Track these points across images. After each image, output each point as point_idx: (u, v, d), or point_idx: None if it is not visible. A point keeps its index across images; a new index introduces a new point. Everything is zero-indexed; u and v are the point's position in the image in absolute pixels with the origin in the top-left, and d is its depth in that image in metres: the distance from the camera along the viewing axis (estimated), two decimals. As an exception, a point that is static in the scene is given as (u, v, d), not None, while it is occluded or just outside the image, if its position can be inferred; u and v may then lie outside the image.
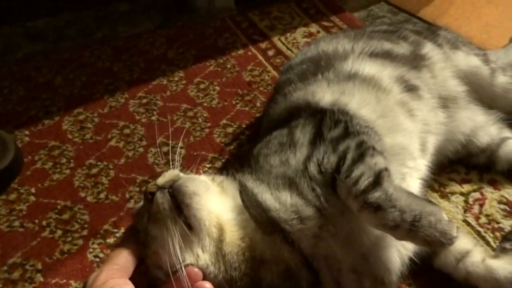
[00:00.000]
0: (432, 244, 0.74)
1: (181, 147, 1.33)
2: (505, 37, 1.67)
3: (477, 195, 1.15)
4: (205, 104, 1.50)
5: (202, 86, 1.58)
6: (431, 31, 1.28)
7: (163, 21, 1.98)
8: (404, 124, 1.02)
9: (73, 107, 1.51)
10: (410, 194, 0.78)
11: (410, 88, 1.06)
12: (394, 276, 0.86)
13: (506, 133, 1.21)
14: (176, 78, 1.62)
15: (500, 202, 1.13)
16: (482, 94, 1.22)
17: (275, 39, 1.80)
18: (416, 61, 1.12)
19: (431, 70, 1.13)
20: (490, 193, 1.15)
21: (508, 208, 1.11)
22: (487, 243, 1.04)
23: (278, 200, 0.80)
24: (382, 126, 0.97)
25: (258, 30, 1.87)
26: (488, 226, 1.08)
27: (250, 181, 0.86)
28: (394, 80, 1.05)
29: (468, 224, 1.09)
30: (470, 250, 0.93)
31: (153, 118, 1.46)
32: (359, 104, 0.99)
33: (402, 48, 1.15)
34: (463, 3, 1.99)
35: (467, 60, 1.20)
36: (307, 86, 1.05)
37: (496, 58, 1.44)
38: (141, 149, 1.35)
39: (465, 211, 1.12)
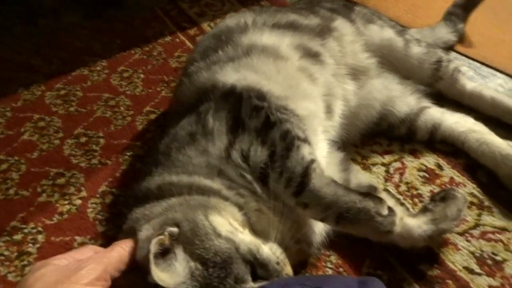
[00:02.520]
0: (366, 236, 0.85)
1: (100, 137, 1.29)
2: (431, 17, 1.73)
3: (398, 164, 1.18)
4: (128, 92, 1.47)
5: (126, 74, 1.54)
6: (347, 7, 1.31)
7: (89, 14, 1.92)
8: (308, 89, 1.05)
9: (-17, 104, 1.43)
10: (340, 188, 0.84)
11: (311, 54, 1.08)
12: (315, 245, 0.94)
13: (425, 103, 1.25)
14: (98, 68, 1.57)
15: (419, 170, 1.16)
16: (399, 66, 1.26)
17: (205, 26, 1.78)
18: (322, 31, 1.15)
19: (340, 41, 1.17)
20: (411, 162, 1.18)
21: (427, 175, 1.14)
22: (406, 209, 1.06)
23: (216, 183, 0.83)
24: (291, 96, 0.98)
25: (187, 17, 1.85)
26: (408, 194, 1.10)
27: (184, 177, 0.84)
28: (293, 48, 1.07)
29: (389, 192, 1.11)
30: None
31: (72, 109, 1.40)
32: (266, 79, 0.99)
33: (309, 21, 1.17)
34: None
35: (381, 32, 1.24)
36: (210, 65, 1.05)
37: (419, 34, 1.51)
38: (56, 141, 1.29)
39: (385, 181, 1.14)
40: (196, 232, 0.72)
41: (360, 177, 1.07)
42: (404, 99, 1.22)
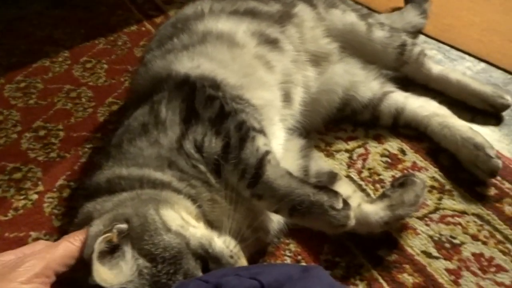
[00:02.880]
0: (320, 229, 0.85)
1: (59, 130, 1.26)
2: (401, 1, 1.71)
3: (361, 150, 1.17)
4: (90, 83, 1.43)
5: (88, 65, 1.51)
6: None
7: (53, 2, 1.87)
8: (264, 78, 1.03)
9: None
10: (295, 181, 0.82)
11: (269, 41, 1.06)
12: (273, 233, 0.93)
13: (388, 87, 1.24)
14: (60, 59, 1.53)
15: (382, 155, 1.15)
16: (362, 50, 1.24)
17: (172, 13, 1.75)
18: (282, 18, 1.13)
19: (300, 27, 1.15)
20: (374, 147, 1.17)
21: (390, 160, 1.14)
22: (367, 195, 1.06)
23: (167, 175, 0.81)
24: (247, 85, 0.96)
25: (154, 4, 1.81)
26: (369, 179, 1.10)
27: (135, 170, 0.82)
28: (250, 35, 1.05)
29: (351, 179, 1.10)
30: (348, 196, 0.95)
31: (31, 102, 1.37)
32: (221, 68, 0.98)
33: (269, 7, 1.15)
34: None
35: (343, 17, 1.22)
36: (164, 54, 1.02)
37: (388, 19, 1.49)
38: (14, 136, 1.26)
39: (348, 167, 1.13)
40: (145, 227, 0.70)
41: (320, 164, 1.06)
42: (367, 84, 1.21)
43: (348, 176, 1.11)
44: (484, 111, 1.25)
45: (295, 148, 1.04)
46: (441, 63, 1.48)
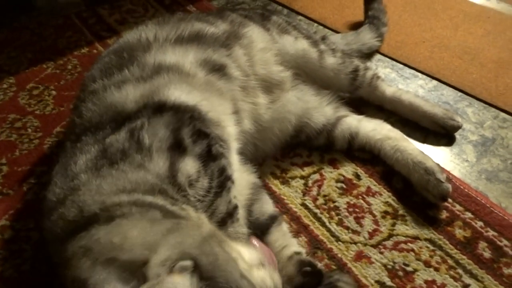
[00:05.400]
0: None
1: (2, 164, 1.21)
2: (358, 16, 1.75)
3: (317, 176, 1.18)
4: (37, 112, 1.38)
5: (35, 92, 1.45)
6: (263, 16, 1.29)
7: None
8: (222, 106, 1.03)
9: None
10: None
11: (216, 69, 1.05)
12: None
13: (342, 112, 1.25)
14: (4, 86, 1.47)
15: (337, 181, 1.16)
16: (314, 76, 1.25)
17: (125, 34, 1.71)
18: (229, 39, 1.12)
19: (248, 48, 1.14)
20: (329, 173, 1.18)
21: (344, 186, 1.15)
22: (323, 224, 1.07)
23: (158, 199, 0.78)
24: (221, 120, 0.98)
25: (106, 25, 1.77)
26: (325, 207, 1.10)
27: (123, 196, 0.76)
28: (198, 65, 1.04)
29: (306, 207, 1.11)
30: (282, 246, 0.96)
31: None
32: (190, 95, 0.96)
33: (215, 28, 1.14)
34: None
35: (295, 43, 1.22)
36: (119, 84, 0.98)
37: (344, 40, 1.52)
38: (-47, 172, 1.19)
39: (304, 194, 1.14)
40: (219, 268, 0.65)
41: (265, 206, 1.04)
42: (321, 110, 1.22)
43: (303, 204, 1.11)
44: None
45: (243, 183, 1.02)
46: (394, 81, 1.52)
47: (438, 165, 1.10)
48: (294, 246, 0.98)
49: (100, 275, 0.64)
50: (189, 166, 0.85)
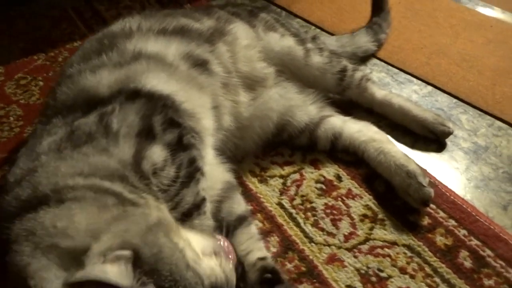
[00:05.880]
0: None
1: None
2: (356, 21, 1.72)
3: (296, 176, 1.15)
4: (21, 101, 1.38)
5: (23, 82, 1.46)
6: (251, 13, 1.28)
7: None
8: (200, 100, 1.01)
9: None
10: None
11: (198, 63, 1.04)
12: None
13: (326, 112, 1.23)
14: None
15: (317, 182, 1.13)
16: (300, 75, 1.23)
17: (119, 29, 1.71)
18: (213, 35, 1.11)
19: (232, 45, 1.13)
20: (310, 173, 1.15)
21: (324, 187, 1.12)
22: (297, 224, 1.03)
23: (117, 186, 0.76)
24: (197, 111, 0.97)
25: (102, 19, 1.77)
26: (301, 207, 1.07)
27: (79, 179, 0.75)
28: (179, 58, 1.03)
29: (282, 206, 1.08)
30: (248, 250, 0.94)
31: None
32: (168, 85, 0.95)
33: (200, 24, 1.13)
34: (319, -11, 2.04)
35: (281, 40, 1.21)
36: (94, 69, 0.98)
37: (338, 42, 1.49)
38: None
39: (281, 194, 1.11)
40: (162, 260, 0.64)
41: (234, 206, 1.01)
42: (304, 109, 1.19)
43: (279, 204, 1.08)
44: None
45: (216, 179, 1.00)
46: (388, 86, 1.48)
47: (421, 169, 1.06)
48: (260, 251, 0.95)
49: (40, 262, 0.63)
50: (156, 154, 0.83)
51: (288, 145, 1.22)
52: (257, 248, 0.95)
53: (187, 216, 0.83)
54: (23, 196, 0.73)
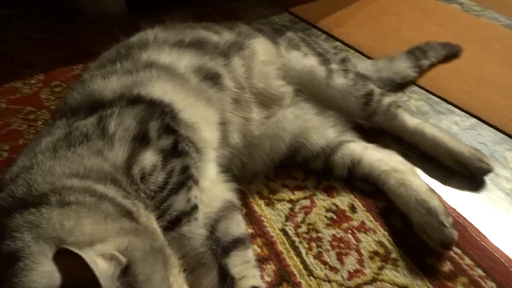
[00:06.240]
0: None
1: (4, 150, 1.26)
2: (397, 46, 1.64)
3: (306, 202, 1.07)
4: (52, 107, 1.43)
5: (57, 89, 1.52)
6: (278, 31, 1.25)
7: (42, 25, 1.94)
8: (207, 115, 0.98)
9: None
10: (201, 249, 0.79)
11: (209, 77, 1.02)
12: None
13: (347, 136, 1.15)
14: (33, 81, 1.56)
15: (328, 210, 1.04)
16: (320, 96, 1.17)
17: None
18: (230, 49, 1.09)
19: (248, 60, 1.10)
20: (322, 200, 1.07)
21: (335, 217, 1.03)
22: (298, 254, 0.95)
23: (111, 190, 0.75)
24: (196, 122, 0.94)
25: (142, 36, 1.83)
26: (306, 236, 0.99)
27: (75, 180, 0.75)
28: (191, 71, 1.01)
29: (285, 233, 1.00)
30: (241, 275, 0.87)
31: (-11, 120, 1.39)
32: (173, 93, 0.95)
33: (219, 37, 1.11)
34: (363, 14, 1.99)
35: (302, 59, 1.16)
36: (106, 75, 0.99)
37: (373, 67, 1.42)
38: (-41, 153, 1.26)
39: (286, 219, 1.03)
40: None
41: (233, 227, 0.94)
42: (322, 132, 1.12)
43: (282, 230, 1.00)
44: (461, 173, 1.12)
45: (215, 196, 0.95)
46: (426, 115, 1.37)
47: (445, 207, 0.94)
48: (254, 279, 0.88)
49: (39, 247, 0.62)
50: (147, 159, 0.81)
51: (302, 169, 1.15)
52: (251, 275, 0.88)
53: (175, 223, 0.79)
54: (18, 193, 0.72)
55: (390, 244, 0.96)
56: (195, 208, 0.83)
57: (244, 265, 0.89)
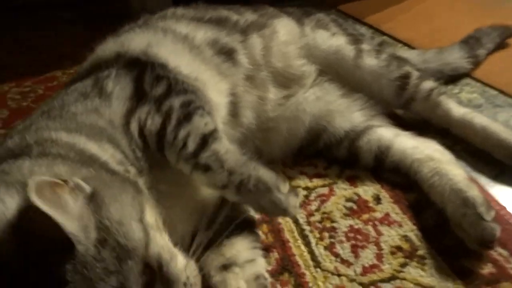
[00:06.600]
0: (264, 211, 0.74)
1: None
2: (449, 40, 1.48)
3: (324, 190, 0.96)
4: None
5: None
6: (306, 12, 1.17)
7: (90, 25, 2.03)
8: (213, 78, 0.94)
9: None
10: (244, 157, 0.74)
11: (224, 51, 0.97)
12: None
13: (376, 121, 1.02)
14: (72, 71, 1.61)
15: (348, 200, 0.93)
16: (349, 79, 1.06)
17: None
18: (249, 27, 1.04)
19: (268, 39, 1.03)
20: (343, 189, 0.96)
21: (355, 207, 0.91)
22: (307, 243, 0.84)
23: (106, 152, 0.74)
24: (200, 79, 0.90)
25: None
26: (318, 225, 0.88)
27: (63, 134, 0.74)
28: (206, 43, 0.97)
29: (295, 220, 0.89)
30: (247, 260, 0.78)
31: (24, 104, 1.45)
32: (174, 55, 0.92)
33: (241, 17, 1.07)
34: (415, 10, 1.85)
35: (329, 39, 1.07)
36: (116, 39, 1.00)
37: (420, 57, 1.30)
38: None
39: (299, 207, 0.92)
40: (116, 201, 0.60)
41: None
42: (347, 115, 1.01)
43: (293, 217, 0.90)
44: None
45: None
46: (480, 108, 1.21)
47: (484, 198, 0.79)
48: (262, 266, 0.78)
49: (7, 190, 0.58)
50: (142, 111, 0.78)
51: (325, 157, 1.04)
52: (260, 261, 0.79)
53: (203, 147, 0.73)
54: (10, 145, 0.73)
55: (418, 239, 0.82)
56: (213, 130, 0.76)
57: (250, 250, 0.80)
